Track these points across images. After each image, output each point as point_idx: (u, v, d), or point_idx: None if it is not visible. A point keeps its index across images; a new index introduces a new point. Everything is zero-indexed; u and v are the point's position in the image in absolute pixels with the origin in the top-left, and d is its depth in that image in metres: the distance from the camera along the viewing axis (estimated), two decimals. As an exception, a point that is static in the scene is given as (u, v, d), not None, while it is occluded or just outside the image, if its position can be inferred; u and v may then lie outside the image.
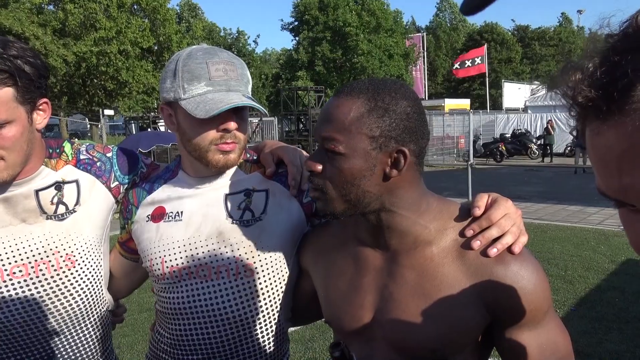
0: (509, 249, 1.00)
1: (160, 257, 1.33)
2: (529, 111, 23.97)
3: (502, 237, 1.00)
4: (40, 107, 1.33)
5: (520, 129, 21.76)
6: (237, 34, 46.78)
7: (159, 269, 1.34)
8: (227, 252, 1.30)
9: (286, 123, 26.09)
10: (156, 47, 26.99)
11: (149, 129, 22.37)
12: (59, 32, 23.92)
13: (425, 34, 41.49)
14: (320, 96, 25.87)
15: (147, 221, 1.37)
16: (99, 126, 24.62)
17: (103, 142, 19.61)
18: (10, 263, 1.34)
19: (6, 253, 1.34)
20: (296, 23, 36.20)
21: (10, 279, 1.34)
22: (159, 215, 1.36)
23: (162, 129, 22.19)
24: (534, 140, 20.57)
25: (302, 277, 1.36)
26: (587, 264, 6.07)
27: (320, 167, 1.02)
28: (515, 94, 30.93)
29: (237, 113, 1.25)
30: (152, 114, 25.10)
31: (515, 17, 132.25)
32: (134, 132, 25.53)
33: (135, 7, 26.64)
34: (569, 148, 20.46)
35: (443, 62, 48.42)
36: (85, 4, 23.72)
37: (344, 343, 0.87)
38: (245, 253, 1.31)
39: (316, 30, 33.78)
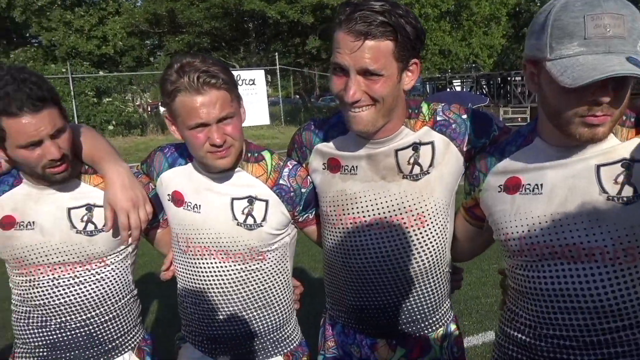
0: None
1: (517, 232, 1.26)
2: None
3: None
4: (410, 67, 1.39)
5: None
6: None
7: (515, 245, 1.27)
8: (601, 233, 1.15)
9: None
10: (453, 7, 26.78)
11: (447, 89, 22.62)
12: None
13: None
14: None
15: (499, 191, 1.32)
16: (398, 87, 25.94)
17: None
18: (370, 215, 1.50)
19: (367, 205, 1.51)
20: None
21: (369, 229, 1.51)
22: (514, 186, 1.29)
23: (458, 89, 22.17)
24: None
25: None
26: None
27: None
28: None
29: (616, 80, 1.06)
30: (447, 74, 25.29)
31: None
32: (430, 93, 26.19)
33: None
34: None
35: None
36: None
37: None
38: (626, 235, 1.14)
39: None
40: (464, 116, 1.48)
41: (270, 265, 1.62)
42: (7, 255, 1.62)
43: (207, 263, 1.60)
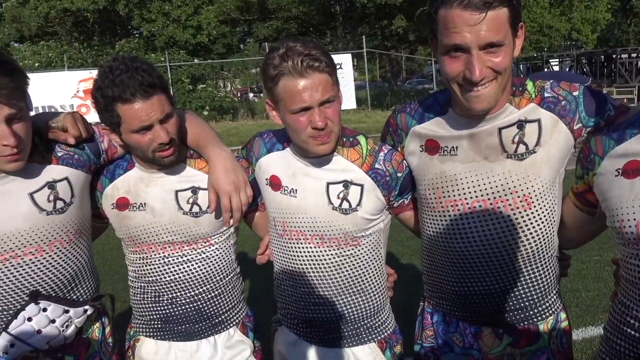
0: None
1: (634, 219, 1.18)
2: None
3: None
4: (518, 32, 1.33)
5: None
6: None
7: (631, 233, 1.19)
8: None
9: None
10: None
11: (545, 69, 21.38)
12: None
13: None
14: None
15: (616, 176, 1.23)
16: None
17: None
18: (472, 197, 1.46)
19: (469, 187, 1.46)
20: None
21: (471, 213, 1.46)
22: (634, 170, 1.19)
23: (555, 69, 20.89)
24: None
25: None
26: None
27: None
28: None
29: None
30: (543, 53, 23.86)
31: None
32: (524, 74, 24.86)
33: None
34: None
35: None
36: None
37: None
38: None
39: None
40: (575, 93, 1.41)
41: (365, 251, 1.63)
42: (123, 234, 1.76)
43: (303, 247, 1.63)
